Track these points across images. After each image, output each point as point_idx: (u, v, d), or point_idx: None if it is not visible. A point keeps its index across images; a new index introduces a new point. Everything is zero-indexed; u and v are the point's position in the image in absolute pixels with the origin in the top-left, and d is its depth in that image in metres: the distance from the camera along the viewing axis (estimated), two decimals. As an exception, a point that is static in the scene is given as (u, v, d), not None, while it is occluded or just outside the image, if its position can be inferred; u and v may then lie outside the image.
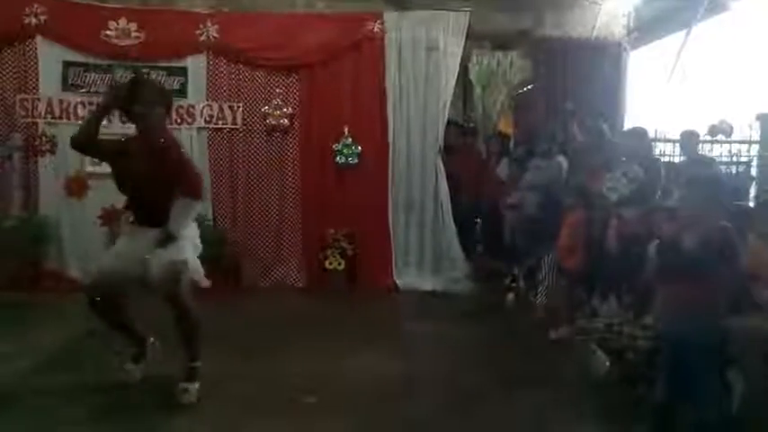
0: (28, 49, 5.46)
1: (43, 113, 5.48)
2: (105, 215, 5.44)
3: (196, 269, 3.14)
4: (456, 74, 5.80)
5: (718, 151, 6.86)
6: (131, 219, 3.18)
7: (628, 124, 6.42)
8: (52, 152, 5.51)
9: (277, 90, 5.71)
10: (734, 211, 3.16)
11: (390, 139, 5.76)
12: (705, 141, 6.22)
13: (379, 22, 5.69)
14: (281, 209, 5.78)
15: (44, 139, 5.49)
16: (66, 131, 5.47)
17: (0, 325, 4.16)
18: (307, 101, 5.73)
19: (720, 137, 6.47)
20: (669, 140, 7.37)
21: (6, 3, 5.43)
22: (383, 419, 3.00)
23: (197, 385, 3.08)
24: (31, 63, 5.46)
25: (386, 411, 3.09)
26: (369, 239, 5.74)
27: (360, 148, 5.69)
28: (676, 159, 6.71)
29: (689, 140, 5.32)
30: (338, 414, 3.01)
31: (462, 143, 6.31)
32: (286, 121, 5.69)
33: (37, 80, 5.47)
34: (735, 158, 6.86)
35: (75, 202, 5.54)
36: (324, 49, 5.70)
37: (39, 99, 5.48)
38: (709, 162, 5.31)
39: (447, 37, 5.72)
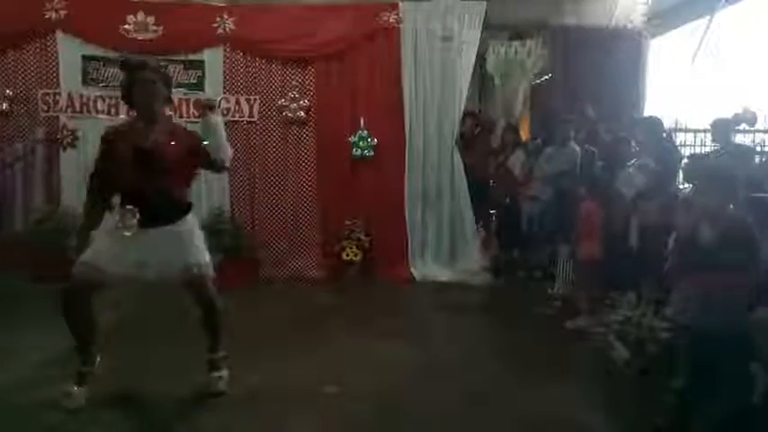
0: (48, 44, 5.54)
1: (64, 108, 5.57)
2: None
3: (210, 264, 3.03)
4: (472, 64, 5.76)
5: (740, 140, 6.72)
6: (133, 219, 2.81)
7: (647, 114, 6.33)
8: (73, 146, 5.60)
9: (293, 82, 5.72)
10: (755, 204, 3.11)
11: (406, 131, 5.75)
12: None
13: (394, 12, 5.67)
14: (297, 201, 5.81)
15: (66, 132, 5.58)
16: (86, 125, 5.57)
17: (26, 317, 4.25)
18: (323, 93, 5.73)
19: (744, 126, 6.33)
20: (690, 130, 7.23)
21: (27, -2, 5.50)
22: (403, 409, 3.03)
23: (227, 372, 3.12)
24: (52, 58, 5.54)
25: (405, 401, 3.11)
26: (385, 231, 5.75)
27: (376, 140, 5.69)
28: (697, 150, 6.59)
29: (722, 128, 4.92)
30: (359, 403, 3.03)
31: (478, 134, 6.27)
32: (302, 113, 5.70)
33: (57, 75, 5.55)
34: (759, 148, 6.72)
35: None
36: (339, 40, 5.69)
37: (59, 94, 5.56)
38: (746, 151, 5.08)
39: (463, 27, 5.66)
